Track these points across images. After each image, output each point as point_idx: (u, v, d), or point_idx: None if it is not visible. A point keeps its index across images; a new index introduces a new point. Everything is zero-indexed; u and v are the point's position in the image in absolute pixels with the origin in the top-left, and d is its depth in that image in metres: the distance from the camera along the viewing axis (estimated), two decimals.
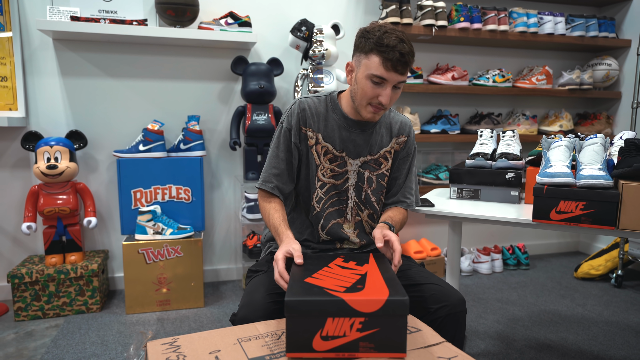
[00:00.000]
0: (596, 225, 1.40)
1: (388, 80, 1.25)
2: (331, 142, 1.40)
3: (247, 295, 1.24)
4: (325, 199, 1.42)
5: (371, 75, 1.26)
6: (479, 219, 1.62)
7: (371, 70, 1.25)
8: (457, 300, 1.22)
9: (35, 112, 2.42)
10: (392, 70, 1.24)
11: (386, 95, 1.27)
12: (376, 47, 1.23)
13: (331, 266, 1.09)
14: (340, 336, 0.89)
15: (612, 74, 3.12)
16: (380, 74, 1.24)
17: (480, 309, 2.44)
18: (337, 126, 1.40)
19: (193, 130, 2.50)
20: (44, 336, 2.09)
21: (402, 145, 1.47)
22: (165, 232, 2.38)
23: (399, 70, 1.24)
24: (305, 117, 1.39)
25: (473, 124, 2.99)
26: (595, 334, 2.17)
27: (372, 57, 1.25)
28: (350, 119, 1.40)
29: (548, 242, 3.44)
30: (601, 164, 1.45)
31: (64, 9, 2.29)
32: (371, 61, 1.25)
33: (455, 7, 2.74)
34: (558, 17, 2.93)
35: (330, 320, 0.88)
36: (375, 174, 1.44)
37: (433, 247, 2.93)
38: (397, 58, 1.22)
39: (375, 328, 0.89)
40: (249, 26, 2.50)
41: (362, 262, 1.13)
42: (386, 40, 1.22)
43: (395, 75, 1.25)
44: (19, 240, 2.49)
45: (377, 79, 1.25)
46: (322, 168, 1.40)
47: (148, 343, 0.97)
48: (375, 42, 1.23)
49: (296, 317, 0.88)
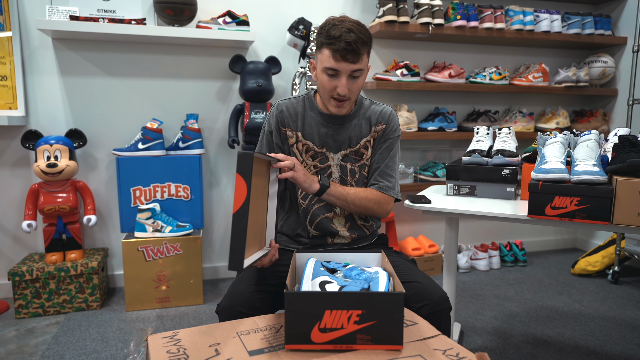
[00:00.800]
0: (590, 221, 1.41)
1: (340, 70, 1.28)
2: (311, 139, 1.43)
3: (232, 286, 1.28)
4: (311, 196, 1.44)
5: (324, 68, 1.30)
6: (475, 215, 1.63)
7: (324, 63, 1.29)
8: (438, 298, 1.22)
9: (35, 111, 2.44)
10: (341, 60, 1.26)
11: (342, 85, 1.30)
12: (325, 40, 1.27)
13: None
14: (338, 328, 0.90)
15: (608, 71, 3.14)
16: (331, 65, 1.28)
17: (478, 305, 2.46)
18: (315, 123, 1.44)
19: (192, 128, 2.52)
20: (45, 333, 2.11)
21: (379, 132, 1.47)
22: (164, 229, 2.39)
23: (349, 59, 1.26)
24: (283, 118, 1.43)
25: (470, 121, 3.00)
26: (591, 330, 2.19)
27: (323, 51, 1.29)
28: (326, 115, 1.43)
29: (545, 238, 3.46)
30: (595, 160, 1.47)
31: (63, 9, 2.30)
32: (323, 55, 1.29)
33: (452, 5, 2.76)
34: (554, 15, 2.95)
35: (329, 312, 0.90)
36: (357, 165, 1.46)
37: (431, 244, 2.95)
38: (344, 47, 1.24)
39: (372, 321, 0.90)
40: (247, 25, 2.51)
41: None
42: (333, 32, 1.25)
43: (346, 64, 1.27)
44: (20, 238, 2.50)
45: (331, 71, 1.29)
46: (305, 165, 1.44)
47: (149, 337, 0.98)
48: (325, 36, 1.27)
49: (295, 310, 0.90)
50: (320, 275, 1.04)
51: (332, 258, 1.21)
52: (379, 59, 2.93)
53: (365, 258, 1.23)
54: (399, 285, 0.99)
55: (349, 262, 1.21)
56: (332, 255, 1.22)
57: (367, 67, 1.37)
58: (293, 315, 0.90)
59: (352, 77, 1.31)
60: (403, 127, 2.81)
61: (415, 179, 2.95)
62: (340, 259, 1.22)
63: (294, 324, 0.90)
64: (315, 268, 1.08)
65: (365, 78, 1.40)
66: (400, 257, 1.44)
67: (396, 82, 2.75)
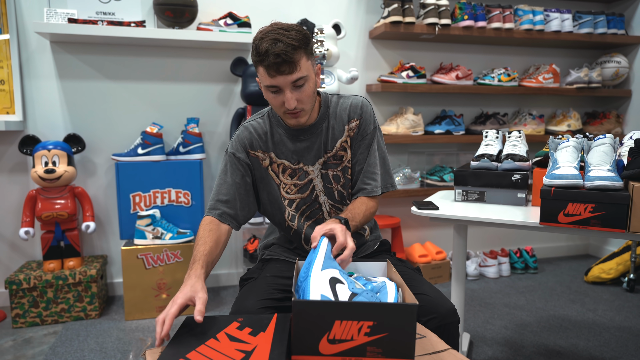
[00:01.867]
0: (606, 228, 1.36)
1: (280, 85, 1.18)
2: (285, 157, 1.34)
3: (237, 302, 1.20)
4: (298, 215, 1.36)
5: (265, 87, 1.21)
6: (484, 222, 1.58)
7: (263, 82, 1.20)
8: (446, 311, 1.16)
9: (32, 116, 2.40)
10: (277, 75, 1.16)
11: (288, 99, 1.19)
12: (256, 58, 1.17)
13: (219, 337, 0.93)
14: (347, 340, 0.87)
15: (622, 71, 3.05)
16: (269, 83, 1.18)
17: (487, 314, 2.38)
18: (285, 139, 1.34)
19: (192, 132, 2.47)
20: (42, 343, 2.06)
21: (355, 129, 1.36)
22: (164, 236, 2.34)
23: (284, 72, 1.15)
24: (252, 140, 1.33)
25: (478, 124, 2.93)
26: (606, 340, 2.10)
27: (259, 69, 1.19)
28: (294, 130, 1.32)
29: (557, 245, 3.37)
30: (610, 165, 1.41)
31: (62, 11, 2.26)
32: (260, 74, 1.20)
33: (459, 5, 2.69)
34: (565, 14, 2.87)
35: (338, 323, 0.86)
36: (339, 170, 1.36)
37: (438, 251, 2.88)
38: (273, 62, 1.13)
39: (383, 333, 0.87)
40: (249, 27, 2.47)
41: (259, 329, 0.96)
42: (260, 47, 1.14)
43: (283, 77, 1.16)
44: (17, 246, 2.46)
45: (272, 88, 1.20)
46: (284, 186, 1.35)
47: (147, 351, 0.95)
48: (255, 54, 1.17)
49: (303, 319, 0.86)
50: (331, 268, 0.99)
51: None
52: (384, 60, 2.87)
53: (370, 268, 1.19)
54: (410, 296, 0.95)
55: (353, 271, 1.18)
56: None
57: (315, 69, 1.25)
58: (301, 325, 0.87)
59: (296, 86, 1.19)
60: (409, 131, 2.74)
61: (422, 183, 2.88)
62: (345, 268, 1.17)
63: (302, 334, 0.87)
64: (327, 253, 1.02)
65: (316, 82, 1.26)
66: (405, 266, 1.38)
67: (402, 84, 2.69)
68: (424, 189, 2.81)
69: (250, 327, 0.97)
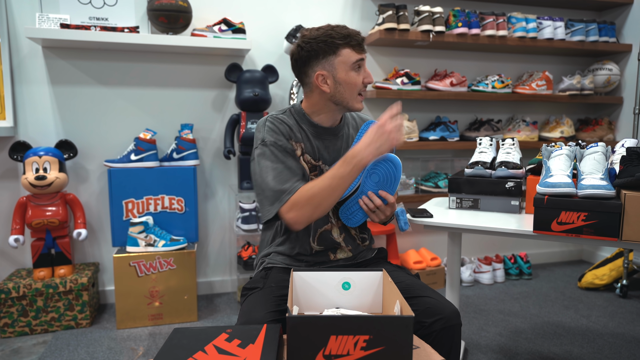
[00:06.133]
0: (599, 237, 1.37)
1: (364, 59, 1.35)
2: (309, 152, 1.39)
3: (245, 314, 1.20)
4: None
5: (353, 64, 1.32)
6: (478, 230, 1.58)
7: (350, 59, 1.32)
8: (451, 312, 1.19)
9: (23, 122, 2.38)
10: (362, 52, 1.34)
11: (368, 74, 1.36)
12: (340, 41, 1.30)
13: (207, 350, 0.92)
14: (344, 355, 0.86)
15: (614, 79, 3.07)
16: (359, 57, 1.33)
17: (482, 321, 2.37)
18: (310, 136, 1.39)
19: (186, 139, 2.45)
20: (31, 353, 2.03)
21: None
22: (157, 243, 2.32)
23: (363, 50, 1.35)
24: (287, 130, 1.35)
25: (472, 130, 2.94)
26: (600, 347, 2.10)
27: (342, 51, 1.31)
28: (320, 127, 1.40)
29: (551, 250, 3.38)
30: (603, 174, 1.42)
31: (54, 17, 2.25)
32: (344, 55, 1.31)
33: (453, 13, 2.70)
34: (557, 22, 2.89)
35: (334, 338, 0.86)
36: None
37: (433, 257, 2.87)
38: (360, 39, 1.33)
39: (380, 346, 0.86)
40: (243, 33, 2.46)
41: (248, 340, 0.95)
42: (340, 32, 1.30)
43: (364, 55, 1.35)
44: (6, 254, 2.43)
45: (359, 62, 1.33)
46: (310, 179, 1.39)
47: None
48: (338, 39, 1.30)
49: (298, 335, 0.86)
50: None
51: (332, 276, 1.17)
52: (379, 67, 2.87)
53: (366, 278, 1.18)
54: (406, 308, 0.95)
55: (349, 281, 1.18)
56: (332, 274, 1.17)
57: None
58: (296, 341, 0.86)
59: None
60: (404, 137, 2.74)
61: (417, 189, 2.88)
62: (340, 278, 1.18)
63: (297, 351, 0.86)
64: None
65: None
66: (405, 273, 1.40)
67: (396, 90, 2.69)
68: (419, 195, 2.80)
69: (240, 339, 0.95)
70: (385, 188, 1.28)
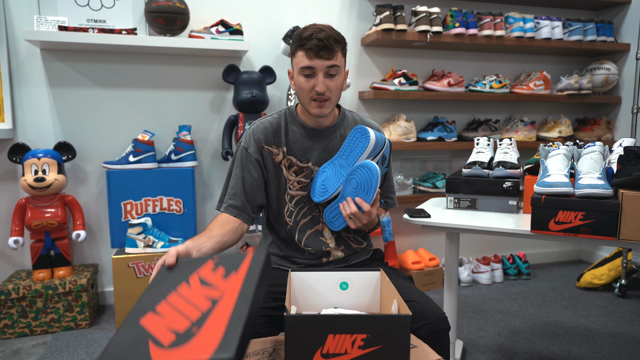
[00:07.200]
0: (596, 236, 1.37)
1: (316, 67, 1.28)
2: (294, 155, 1.40)
3: None
4: (296, 212, 1.41)
5: (300, 69, 1.30)
6: (476, 230, 1.58)
7: (299, 64, 1.29)
8: (437, 318, 1.17)
9: (22, 124, 2.38)
10: (315, 58, 1.27)
11: (319, 82, 1.29)
12: (297, 43, 1.29)
13: (191, 281, 0.90)
14: (341, 354, 0.87)
15: (612, 78, 3.08)
16: (306, 64, 1.28)
17: (480, 321, 2.37)
18: (298, 137, 1.40)
19: (184, 140, 2.46)
20: (31, 354, 2.03)
21: None
22: (156, 245, 2.32)
23: (322, 56, 1.27)
24: (266, 135, 1.39)
25: (470, 130, 2.94)
26: (599, 346, 2.10)
27: (297, 54, 1.30)
28: (310, 128, 1.40)
29: (549, 250, 3.38)
30: (600, 173, 1.42)
31: (52, 19, 2.25)
32: (297, 58, 1.30)
33: (450, 13, 2.71)
34: (555, 22, 2.89)
35: (332, 337, 0.86)
36: None
37: (431, 257, 2.87)
38: (316, 44, 1.25)
39: (377, 345, 0.87)
40: (241, 34, 2.46)
41: (231, 268, 0.91)
42: (304, 34, 1.27)
43: (320, 61, 1.27)
44: (6, 255, 2.43)
45: (307, 71, 1.29)
46: (289, 181, 1.40)
47: None
48: (297, 40, 1.29)
49: (296, 334, 0.86)
50: None
51: (329, 276, 1.17)
52: (376, 67, 2.87)
53: (364, 278, 1.19)
54: (404, 307, 0.95)
55: (346, 281, 1.18)
56: (330, 274, 1.17)
57: (345, 70, 1.36)
58: (294, 341, 0.86)
59: (329, 75, 1.30)
60: (401, 137, 2.74)
61: (415, 190, 2.88)
62: (337, 278, 1.18)
63: (295, 350, 0.86)
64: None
65: (345, 80, 1.37)
66: (397, 275, 1.39)
67: (394, 91, 2.69)
68: (417, 195, 2.81)
69: (224, 266, 0.92)
70: (361, 195, 1.27)
